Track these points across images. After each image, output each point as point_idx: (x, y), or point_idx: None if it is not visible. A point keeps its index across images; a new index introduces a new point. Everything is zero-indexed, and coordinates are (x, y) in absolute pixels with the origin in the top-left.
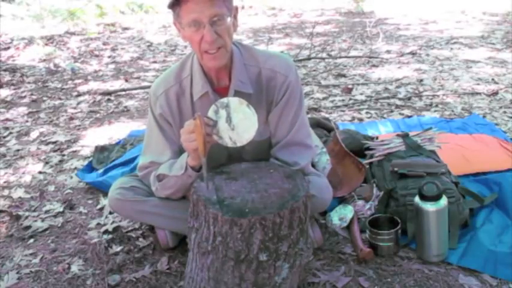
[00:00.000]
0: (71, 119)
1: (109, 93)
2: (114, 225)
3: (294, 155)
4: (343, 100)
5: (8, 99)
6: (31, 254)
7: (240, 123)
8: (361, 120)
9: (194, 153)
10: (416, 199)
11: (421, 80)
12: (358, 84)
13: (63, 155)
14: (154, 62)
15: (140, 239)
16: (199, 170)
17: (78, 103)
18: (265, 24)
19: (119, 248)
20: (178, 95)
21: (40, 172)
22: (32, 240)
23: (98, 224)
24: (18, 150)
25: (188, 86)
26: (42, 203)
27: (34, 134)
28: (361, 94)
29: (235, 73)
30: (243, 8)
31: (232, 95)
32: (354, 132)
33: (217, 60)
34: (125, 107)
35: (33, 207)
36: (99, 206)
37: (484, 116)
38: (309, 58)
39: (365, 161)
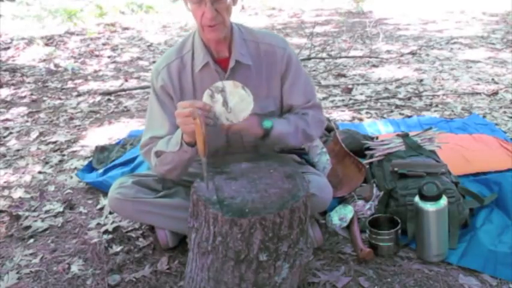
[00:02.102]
0: (71, 119)
1: (109, 93)
2: (114, 225)
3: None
4: (343, 100)
5: (8, 99)
6: (31, 254)
7: (236, 106)
8: (361, 120)
9: (190, 135)
10: (416, 199)
11: (421, 80)
12: (358, 84)
13: (63, 155)
14: (154, 62)
15: (140, 239)
16: (194, 145)
17: (78, 103)
18: (265, 24)
19: (119, 248)
20: (179, 69)
21: (40, 172)
22: (32, 240)
23: (98, 224)
24: (18, 150)
25: (189, 61)
26: (42, 203)
27: (34, 134)
28: (361, 94)
29: (235, 45)
30: (242, 8)
31: (233, 65)
32: (354, 132)
33: (216, 32)
34: (125, 107)
35: (33, 207)
36: (99, 206)
37: (484, 116)
38: (309, 58)
39: (365, 161)
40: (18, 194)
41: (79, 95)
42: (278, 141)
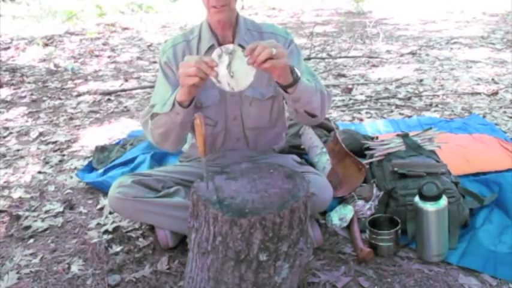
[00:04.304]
0: (71, 119)
1: (109, 93)
2: (114, 225)
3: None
4: (343, 100)
5: (8, 99)
6: (31, 254)
7: (239, 71)
8: (361, 120)
9: (189, 88)
10: (416, 199)
11: (421, 80)
12: (358, 84)
13: (63, 155)
14: (154, 62)
15: (140, 239)
16: (187, 106)
17: (78, 103)
18: None
19: (119, 248)
20: (184, 51)
21: (40, 172)
22: (32, 240)
23: (98, 224)
24: (18, 150)
25: (195, 45)
26: (42, 203)
27: (34, 134)
28: (361, 94)
29: (239, 31)
30: (242, 8)
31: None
32: (354, 132)
33: (222, 14)
34: (125, 107)
35: (33, 207)
36: (99, 206)
37: (484, 116)
38: (309, 58)
39: (365, 161)
40: (18, 194)
41: (79, 95)
42: (301, 96)
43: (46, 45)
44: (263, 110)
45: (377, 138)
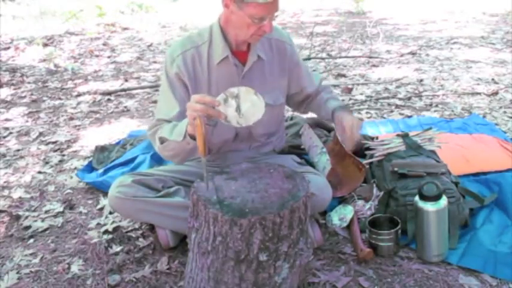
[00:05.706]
0: (71, 119)
1: (109, 93)
2: (114, 225)
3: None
4: (343, 100)
5: (8, 99)
6: (31, 254)
7: (248, 111)
8: (361, 120)
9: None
10: (416, 199)
11: (421, 80)
12: (358, 84)
13: (63, 155)
14: (154, 62)
15: (140, 239)
16: None
17: (78, 103)
18: None
19: (119, 248)
20: (194, 60)
21: (40, 172)
22: (32, 240)
23: (98, 224)
24: (18, 150)
25: (205, 52)
26: (42, 203)
27: (34, 134)
28: (361, 94)
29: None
30: None
31: (256, 58)
32: None
33: (260, 38)
34: (125, 107)
35: (33, 207)
36: (99, 206)
37: (484, 116)
38: (309, 58)
39: (365, 161)
40: (18, 194)
41: (79, 95)
42: None
43: (46, 45)
44: (273, 116)
45: (377, 138)
